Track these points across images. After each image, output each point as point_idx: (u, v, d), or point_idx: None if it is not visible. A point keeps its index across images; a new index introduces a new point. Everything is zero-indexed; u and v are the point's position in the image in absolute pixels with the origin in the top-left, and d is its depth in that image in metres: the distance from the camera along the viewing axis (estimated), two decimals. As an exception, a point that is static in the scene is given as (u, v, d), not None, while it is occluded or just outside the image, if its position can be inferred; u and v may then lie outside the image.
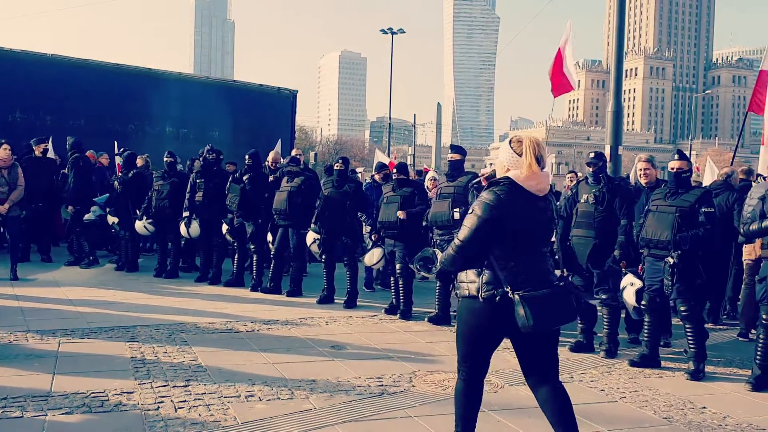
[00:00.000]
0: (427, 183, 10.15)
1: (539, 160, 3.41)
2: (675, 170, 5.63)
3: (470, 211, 3.44)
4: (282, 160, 10.21)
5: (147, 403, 4.41)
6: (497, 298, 3.34)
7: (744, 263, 7.47)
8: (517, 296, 3.28)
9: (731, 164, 9.85)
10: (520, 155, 3.42)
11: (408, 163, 39.02)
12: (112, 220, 10.28)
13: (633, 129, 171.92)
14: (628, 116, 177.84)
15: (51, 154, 11.17)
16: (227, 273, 9.48)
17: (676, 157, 5.69)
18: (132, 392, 4.60)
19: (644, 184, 6.53)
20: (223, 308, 7.69)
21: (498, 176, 3.51)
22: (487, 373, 3.61)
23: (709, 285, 6.12)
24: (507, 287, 3.32)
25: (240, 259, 9.36)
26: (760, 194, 5.55)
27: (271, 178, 9.16)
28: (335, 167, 8.43)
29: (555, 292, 3.38)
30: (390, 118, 55.86)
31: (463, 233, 3.43)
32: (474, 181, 5.46)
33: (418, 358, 5.85)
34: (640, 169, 6.54)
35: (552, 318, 3.36)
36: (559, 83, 13.08)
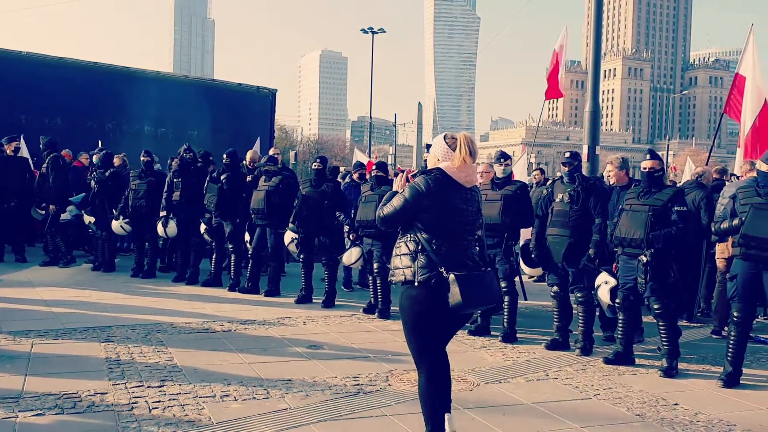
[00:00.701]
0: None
1: (472, 154, 3.65)
2: (647, 170, 5.70)
3: (401, 191, 3.68)
4: (261, 159, 10.17)
5: (120, 403, 4.37)
6: (432, 281, 3.53)
7: (717, 261, 7.57)
8: (452, 276, 3.48)
9: (706, 164, 9.98)
10: (454, 149, 3.66)
11: (389, 162, 39.03)
12: (88, 219, 10.17)
13: (611, 129, 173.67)
14: (607, 116, 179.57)
15: (24, 153, 11.02)
16: (205, 273, 9.43)
17: (648, 156, 5.75)
18: (105, 393, 4.56)
19: (613, 185, 6.63)
20: (200, 308, 7.65)
21: (429, 168, 3.75)
22: (447, 364, 3.71)
23: (683, 282, 6.20)
24: (441, 268, 3.52)
25: (218, 259, 9.31)
26: (732, 193, 5.65)
27: (248, 178, 9.13)
28: (313, 167, 8.41)
29: (483, 276, 3.63)
30: (371, 117, 55.87)
31: (387, 210, 3.70)
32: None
33: (395, 358, 5.86)
34: (608, 171, 6.63)
35: (480, 299, 3.60)
36: (553, 88, 13.13)
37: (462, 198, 3.66)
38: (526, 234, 7.02)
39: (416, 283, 3.56)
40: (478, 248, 3.81)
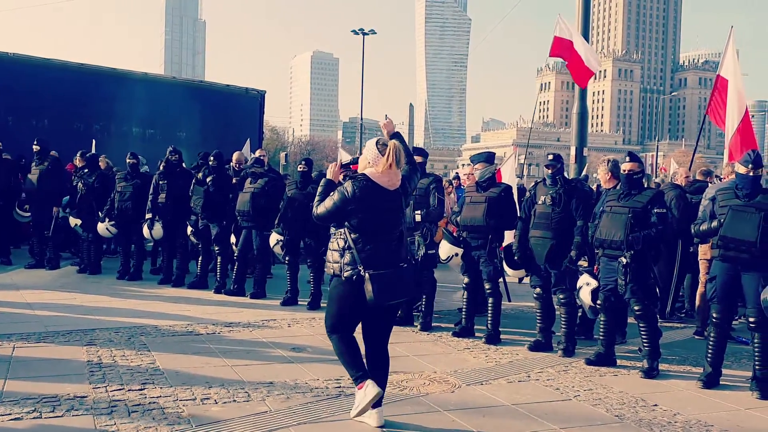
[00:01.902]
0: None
1: (397, 163, 4.14)
2: (627, 172, 5.74)
3: (331, 194, 4.16)
4: (248, 160, 10.15)
5: (100, 407, 4.36)
6: (354, 277, 4.06)
7: (700, 262, 7.61)
8: (367, 274, 4.00)
9: (690, 165, 10.04)
10: (383, 155, 4.12)
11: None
12: (74, 222, 10.13)
13: (602, 130, 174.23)
14: (597, 117, 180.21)
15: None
16: (191, 275, 9.40)
17: (628, 159, 5.79)
18: (85, 396, 4.55)
19: (603, 188, 6.68)
20: (185, 310, 7.64)
21: (360, 168, 4.23)
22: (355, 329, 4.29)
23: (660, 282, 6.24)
24: (360, 266, 4.04)
25: (204, 261, 9.29)
26: (711, 195, 5.68)
27: (234, 180, 9.12)
28: (298, 168, 8.41)
29: (398, 273, 4.10)
30: (361, 118, 55.87)
31: (320, 210, 4.20)
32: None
33: (378, 359, 5.85)
34: (598, 174, 6.68)
35: (392, 295, 4.08)
36: (582, 73, 12.77)
37: (385, 200, 4.13)
38: (510, 236, 7.04)
39: (342, 278, 4.11)
40: (404, 243, 4.25)
